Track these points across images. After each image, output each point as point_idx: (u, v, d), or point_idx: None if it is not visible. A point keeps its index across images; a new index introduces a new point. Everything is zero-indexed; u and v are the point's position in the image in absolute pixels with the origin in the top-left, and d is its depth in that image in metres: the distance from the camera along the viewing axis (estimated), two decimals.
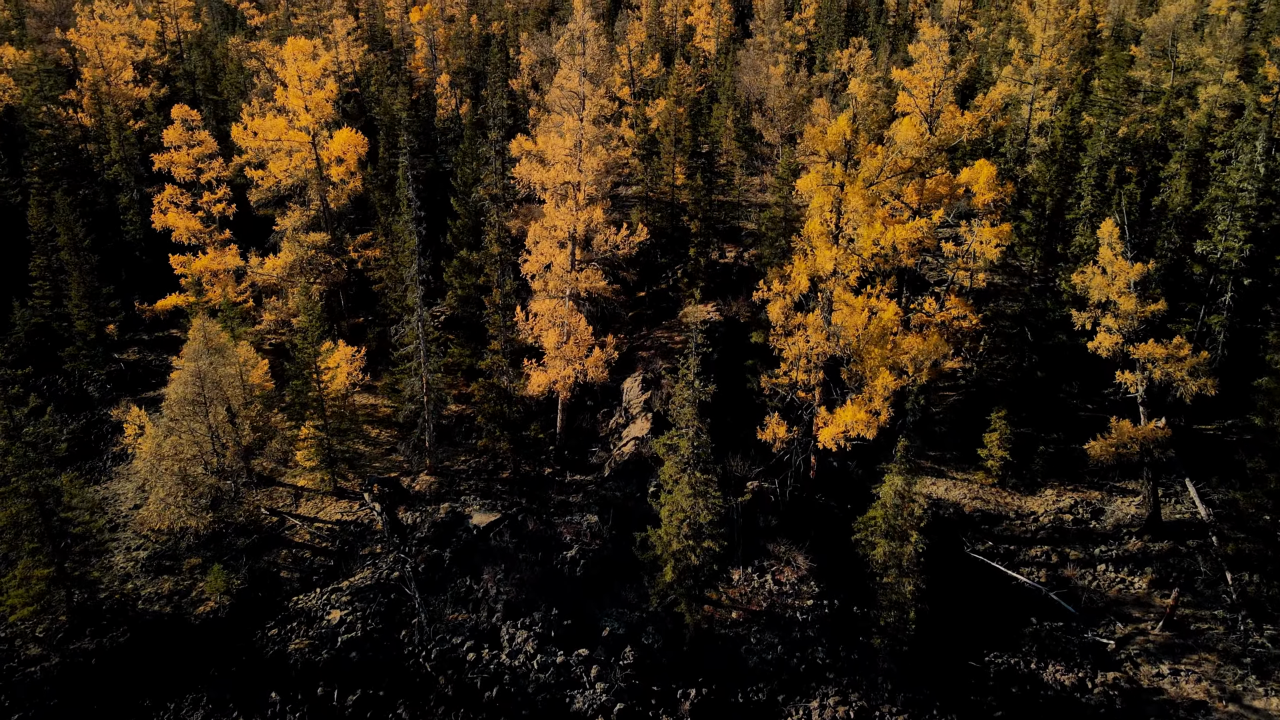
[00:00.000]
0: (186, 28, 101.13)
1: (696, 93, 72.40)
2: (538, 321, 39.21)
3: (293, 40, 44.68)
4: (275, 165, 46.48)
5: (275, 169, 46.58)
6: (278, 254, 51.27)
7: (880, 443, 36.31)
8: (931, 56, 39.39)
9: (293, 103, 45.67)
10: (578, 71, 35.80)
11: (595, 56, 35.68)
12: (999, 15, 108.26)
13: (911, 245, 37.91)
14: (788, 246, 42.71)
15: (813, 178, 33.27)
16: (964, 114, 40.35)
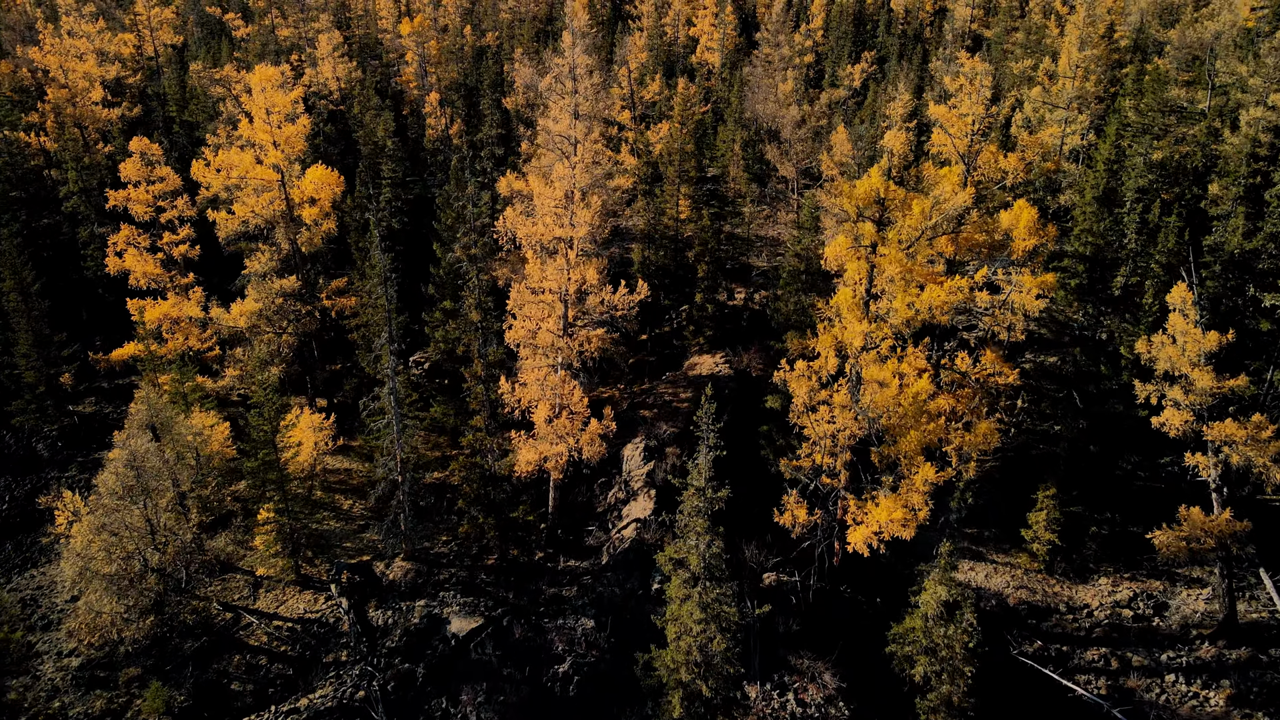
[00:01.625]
0: (167, 40, 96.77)
1: (701, 113, 67.82)
2: (525, 392, 34.59)
3: (260, 68, 40.05)
4: (240, 206, 41.86)
5: (240, 210, 41.96)
6: (245, 297, 46.73)
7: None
8: (971, 91, 34.79)
9: (259, 137, 41.06)
10: (568, 113, 31.25)
11: (589, 94, 31.10)
12: (1013, 23, 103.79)
13: (951, 308, 33.31)
14: (808, 303, 38.06)
15: (841, 242, 28.69)
16: (1006, 155, 35.74)
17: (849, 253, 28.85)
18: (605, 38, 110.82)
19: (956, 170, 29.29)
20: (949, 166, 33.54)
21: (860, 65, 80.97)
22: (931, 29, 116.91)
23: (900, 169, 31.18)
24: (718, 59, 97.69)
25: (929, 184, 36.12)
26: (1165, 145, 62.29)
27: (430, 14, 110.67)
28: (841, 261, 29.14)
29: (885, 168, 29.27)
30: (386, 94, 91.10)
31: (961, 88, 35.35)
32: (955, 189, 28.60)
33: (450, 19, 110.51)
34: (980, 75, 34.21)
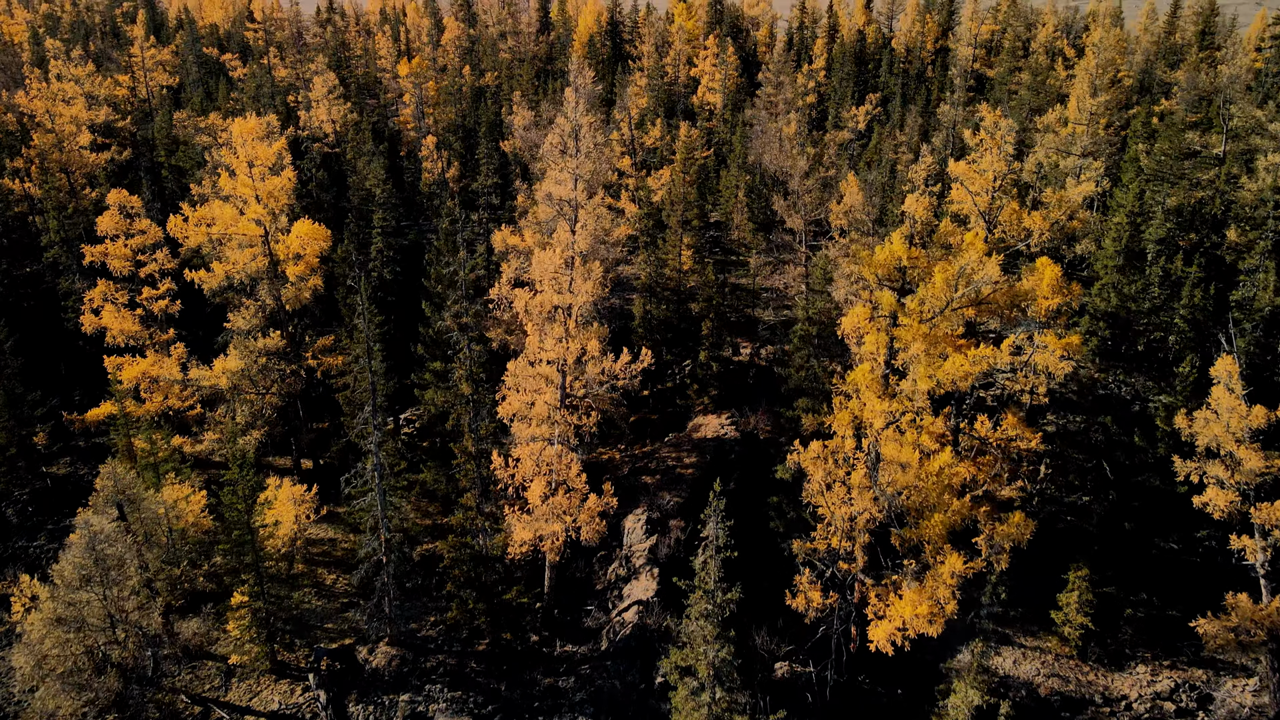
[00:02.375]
0: (162, 82, 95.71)
1: (704, 158, 66.24)
2: (520, 468, 32.23)
3: (241, 121, 38.22)
4: (219, 265, 39.84)
5: (220, 268, 39.93)
6: (229, 354, 44.52)
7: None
8: (992, 146, 32.87)
9: (242, 191, 39.11)
10: (569, 175, 29.29)
11: (592, 155, 29.17)
12: (1016, 63, 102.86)
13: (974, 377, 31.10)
14: (820, 368, 35.84)
15: (860, 313, 26.56)
16: (1030, 212, 33.75)
17: (868, 324, 26.69)
18: (606, 78, 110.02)
19: (981, 235, 27.26)
20: (971, 230, 31.45)
21: (865, 107, 79.68)
22: (933, 68, 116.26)
23: (923, 235, 29.13)
24: (719, 100, 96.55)
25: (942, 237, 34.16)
26: (1180, 190, 60.58)
27: (429, 54, 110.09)
28: (860, 332, 26.98)
29: (906, 234, 27.28)
30: (384, 135, 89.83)
31: (981, 143, 33.47)
32: (982, 257, 26.51)
33: (449, 59, 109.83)
34: (1002, 130, 32.30)
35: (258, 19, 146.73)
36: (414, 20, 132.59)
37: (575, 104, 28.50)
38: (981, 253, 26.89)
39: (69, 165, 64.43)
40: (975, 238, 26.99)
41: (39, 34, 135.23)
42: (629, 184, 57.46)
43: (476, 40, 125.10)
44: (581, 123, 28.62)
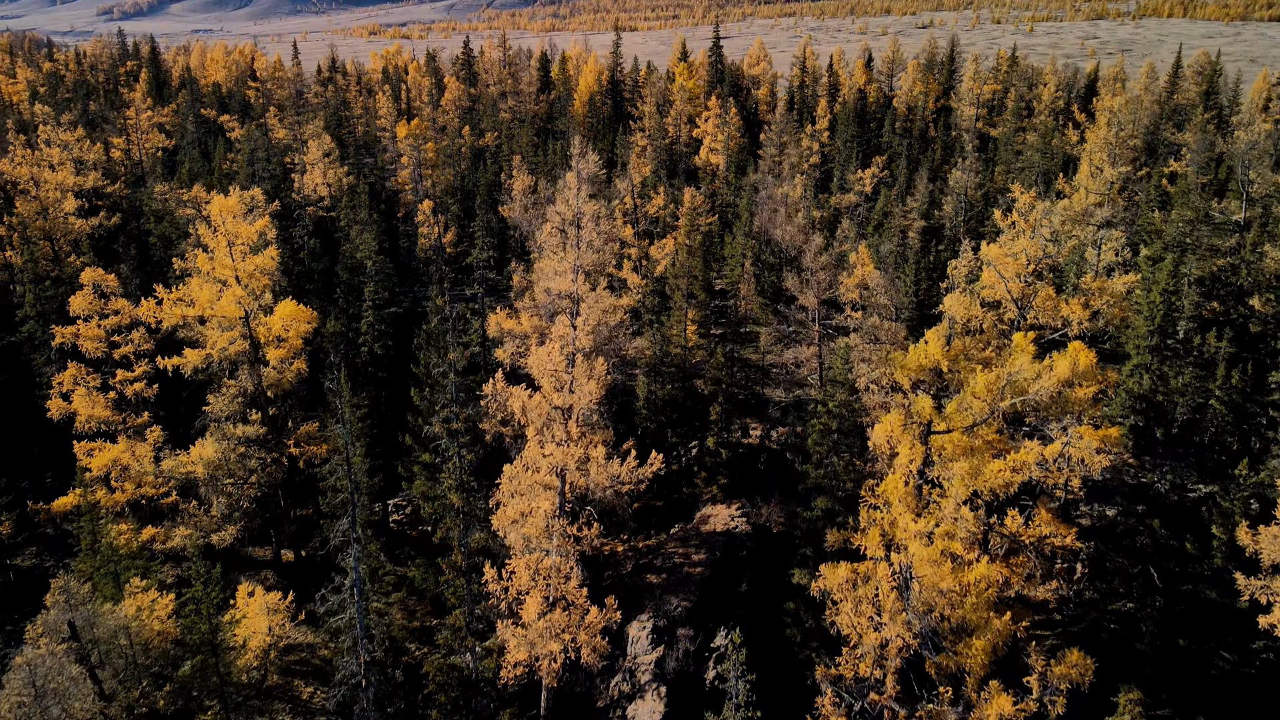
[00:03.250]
0: (158, 144, 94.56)
1: (708, 224, 64.31)
2: (515, 581, 29.24)
3: (220, 199, 36.05)
4: (193, 353, 37.33)
5: (193, 355, 37.42)
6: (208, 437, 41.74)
7: None
8: (1025, 229, 30.62)
9: (220, 272, 36.77)
10: (569, 266, 26.96)
11: (595, 244, 26.89)
12: (1021, 124, 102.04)
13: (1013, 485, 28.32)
14: (840, 465, 33.05)
15: (893, 422, 23.90)
16: (1069, 300, 31.37)
17: (901, 432, 24.02)
18: (606, 137, 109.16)
19: (1030, 337, 24.75)
20: (1003, 311, 28.92)
21: (871, 170, 78.19)
22: (936, 127, 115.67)
23: (963, 333, 26.64)
24: (722, 161, 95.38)
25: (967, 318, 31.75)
26: (1203, 258, 58.54)
27: (429, 114, 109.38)
28: (892, 443, 24.30)
29: (944, 333, 24.82)
30: (381, 196, 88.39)
31: (1014, 224, 31.24)
32: (1031, 362, 23.93)
33: (449, 119, 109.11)
34: (1037, 213, 30.07)
35: (260, 77, 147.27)
36: (415, 79, 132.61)
37: (577, 189, 26.29)
38: (1031, 356, 24.33)
39: (53, 232, 62.48)
40: (1025, 340, 24.45)
41: (39, 93, 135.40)
42: (631, 254, 55.34)
43: (477, 99, 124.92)
44: (584, 210, 26.39)
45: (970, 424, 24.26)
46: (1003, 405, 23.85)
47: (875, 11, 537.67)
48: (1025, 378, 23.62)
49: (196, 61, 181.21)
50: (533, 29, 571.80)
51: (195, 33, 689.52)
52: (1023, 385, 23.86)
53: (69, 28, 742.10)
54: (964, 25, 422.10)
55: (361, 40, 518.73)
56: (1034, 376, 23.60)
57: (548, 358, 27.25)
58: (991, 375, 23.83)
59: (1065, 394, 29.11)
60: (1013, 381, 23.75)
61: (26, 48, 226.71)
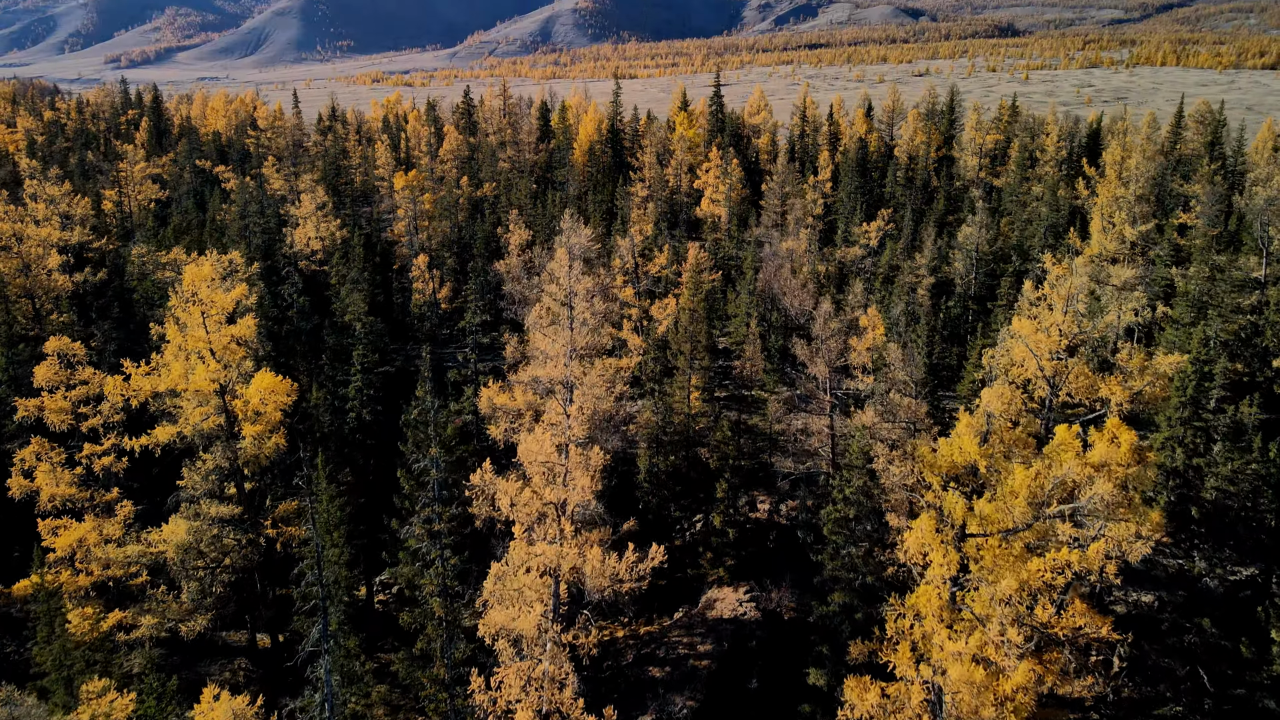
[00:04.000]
0: (151, 195, 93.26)
1: (711, 280, 62.34)
2: (504, 693, 26.39)
3: (194, 267, 33.87)
4: (163, 430, 34.88)
5: (163, 433, 34.97)
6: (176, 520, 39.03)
7: None
8: (1057, 302, 28.41)
9: (193, 345, 34.46)
10: (562, 349, 24.68)
11: (589, 323, 24.61)
12: (1025, 174, 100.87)
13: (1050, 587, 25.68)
14: (857, 556, 30.37)
15: (925, 528, 21.36)
16: (1106, 378, 29.03)
17: (933, 537, 21.45)
18: (606, 187, 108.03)
19: (1074, 431, 22.34)
20: (1062, 425, 26.31)
21: (876, 223, 76.55)
22: (938, 177, 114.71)
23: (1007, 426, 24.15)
24: (724, 212, 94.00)
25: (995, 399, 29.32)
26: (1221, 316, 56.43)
27: (427, 164, 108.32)
28: (926, 549, 21.73)
29: (980, 429, 22.46)
30: (376, 248, 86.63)
31: (1044, 298, 29.07)
32: (1082, 464, 21.48)
33: (446, 169, 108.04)
34: (1072, 285, 27.83)
35: (260, 126, 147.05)
36: (414, 128, 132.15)
37: (569, 265, 24.10)
38: (1076, 449, 21.86)
39: (34, 290, 60.40)
40: (1070, 436, 22.03)
41: (36, 143, 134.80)
42: (632, 314, 53.19)
43: (476, 148, 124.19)
44: (576, 289, 24.18)
45: (1010, 529, 21.70)
46: (1050, 511, 21.34)
47: (872, 60, 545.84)
48: (1073, 479, 21.14)
49: (197, 111, 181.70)
50: (534, 76, 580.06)
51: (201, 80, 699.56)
52: (1074, 492, 21.37)
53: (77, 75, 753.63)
54: (960, 74, 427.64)
55: (364, 88, 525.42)
56: (1086, 480, 21.11)
57: (538, 448, 24.81)
58: (1031, 473, 21.34)
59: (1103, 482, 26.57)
60: (1061, 486, 21.27)
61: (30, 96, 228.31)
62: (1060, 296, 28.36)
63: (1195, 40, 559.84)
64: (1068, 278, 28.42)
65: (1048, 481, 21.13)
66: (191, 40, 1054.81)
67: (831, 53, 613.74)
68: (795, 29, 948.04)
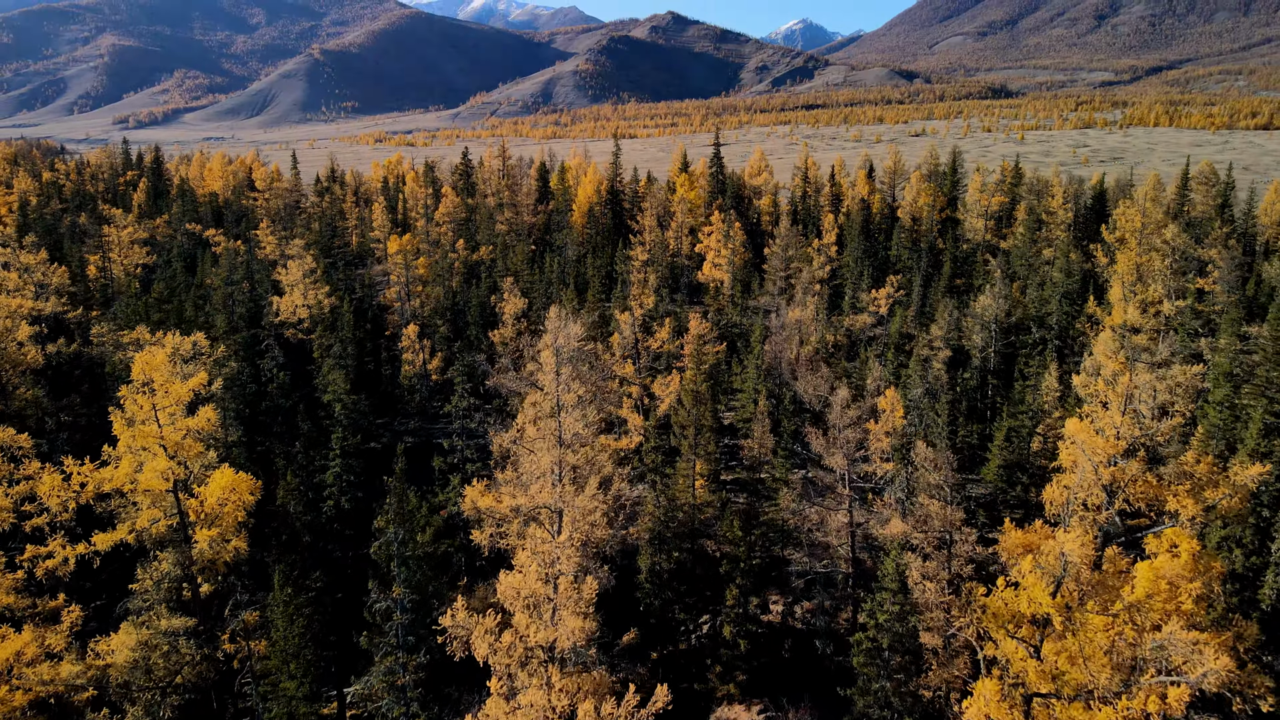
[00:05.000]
0: (139, 260, 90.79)
1: (716, 352, 59.16)
2: None
3: (145, 356, 30.55)
4: (105, 536, 31.18)
5: (103, 540, 31.26)
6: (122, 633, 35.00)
7: None
8: (1113, 399, 25.04)
9: (142, 442, 30.94)
10: (549, 467, 21.17)
11: (581, 436, 21.17)
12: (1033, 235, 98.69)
13: None
14: (892, 691, 26.40)
15: (990, 696, 17.63)
16: (1172, 487, 25.51)
17: (998, 709, 17.68)
18: (605, 250, 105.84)
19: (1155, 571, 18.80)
20: (1143, 563, 22.60)
21: (885, 289, 73.77)
22: (944, 239, 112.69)
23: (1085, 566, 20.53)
24: (727, 278, 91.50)
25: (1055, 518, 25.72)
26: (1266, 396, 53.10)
27: (423, 227, 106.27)
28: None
29: (1055, 575, 18.89)
30: (367, 315, 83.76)
31: (1097, 394, 25.74)
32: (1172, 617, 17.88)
33: (442, 232, 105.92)
34: (1137, 383, 24.46)
35: (258, 188, 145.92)
36: (412, 189, 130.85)
37: (556, 371, 20.78)
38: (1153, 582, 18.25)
39: (1, 364, 57.12)
40: (1152, 576, 18.44)
41: (29, 205, 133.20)
42: (632, 391, 49.85)
43: (474, 209, 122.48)
44: (566, 399, 20.86)
45: (1090, 690, 17.96)
46: (1146, 680, 17.62)
47: (868, 120, 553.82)
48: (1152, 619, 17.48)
49: (195, 172, 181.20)
50: (535, 136, 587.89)
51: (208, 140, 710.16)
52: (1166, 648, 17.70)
53: (85, 136, 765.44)
54: (955, 134, 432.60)
55: (367, 148, 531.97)
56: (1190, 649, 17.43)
57: (520, 583, 21.12)
58: (1114, 628, 17.67)
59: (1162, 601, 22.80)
60: (1158, 648, 17.59)
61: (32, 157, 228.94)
62: (1118, 394, 25.04)
63: (1186, 101, 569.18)
64: (1125, 373, 25.13)
65: (1143, 644, 17.47)
66: (199, 101, 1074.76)
67: (828, 113, 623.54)
68: (792, 90, 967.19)
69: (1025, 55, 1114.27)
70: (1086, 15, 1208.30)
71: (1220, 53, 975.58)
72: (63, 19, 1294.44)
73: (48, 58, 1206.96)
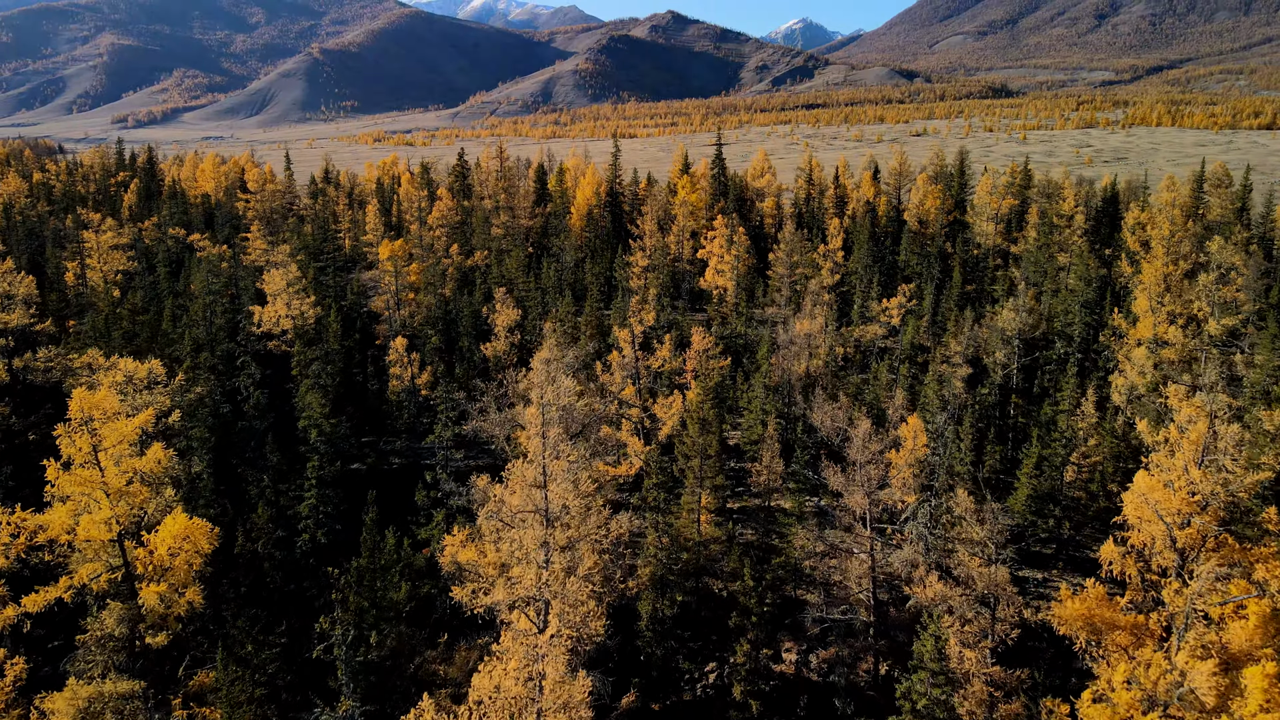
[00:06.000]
0: (119, 267, 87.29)
1: (721, 367, 55.76)
2: None
3: (82, 393, 27.04)
4: (35, 598, 27.75)
5: (33, 602, 27.79)
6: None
7: None
8: (1187, 449, 21.60)
9: (78, 489, 27.48)
10: (533, 548, 17.66)
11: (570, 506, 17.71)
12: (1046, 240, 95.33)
13: None
14: None
15: None
16: (1256, 551, 22.06)
17: None
18: (604, 255, 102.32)
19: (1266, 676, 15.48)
20: (1255, 667, 18.92)
21: (897, 299, 70.31)
22: (953, 244, 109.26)
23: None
24: (731, 285, 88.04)
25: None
26: None
27: (416, 231, 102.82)
28: None
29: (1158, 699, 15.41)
30: (356, 324, 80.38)
31: (1168, 441, 22.33)
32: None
33: (436, 237, 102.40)
34: (1223, 435, 20.94)
35: (251, 189, 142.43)
36: (407, 191, 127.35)
37: (542, 433, 17.28)
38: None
39: None
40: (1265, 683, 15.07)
41: (14, 208, 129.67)
42: (632, 414, 46.43)
43: (470, 212, 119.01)
44: (554, 468, 17.46)
45: None
46: None
47: (869, 120, 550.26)
48: None
49: (188, 173, 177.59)
50: (534, 135, 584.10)
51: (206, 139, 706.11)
52: None
53: (84, 135, 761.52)
54: (957, 133, 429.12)
55: (366, 147, 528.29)
56: None
57: (498, 682, 17.63)
58: None
59: None
60: None
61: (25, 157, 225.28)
62: (1192, 443, 21.64)
63: (1188, 101, 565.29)
64: (1202, 418, 21.72)
65: None
66: (198, 101, 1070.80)
67: (829, 113, 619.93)
68: (792, 89, 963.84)
69: (1025, 55, 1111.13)
70: (1087, 14, 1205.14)
71: (1221, 52, 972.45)
72: (62, 18, 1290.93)
73: (47, 57, 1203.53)
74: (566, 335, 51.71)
